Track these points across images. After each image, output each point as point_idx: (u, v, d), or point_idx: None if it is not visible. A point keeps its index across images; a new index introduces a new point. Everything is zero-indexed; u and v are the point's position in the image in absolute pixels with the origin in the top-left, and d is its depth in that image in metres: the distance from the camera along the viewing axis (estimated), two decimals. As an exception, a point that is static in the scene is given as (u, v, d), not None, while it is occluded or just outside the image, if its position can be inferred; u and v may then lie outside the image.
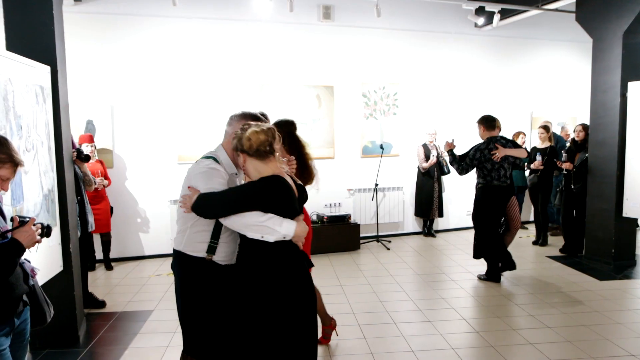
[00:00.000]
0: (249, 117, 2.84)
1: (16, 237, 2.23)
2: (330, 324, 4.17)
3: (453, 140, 5.93)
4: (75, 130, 6.43)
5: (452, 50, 8.46)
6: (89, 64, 6.71)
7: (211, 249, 2.69)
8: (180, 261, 2.76)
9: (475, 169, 5.70)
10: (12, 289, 2.25)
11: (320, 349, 4.06)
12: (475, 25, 8.35)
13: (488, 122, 5.71)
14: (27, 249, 2.29)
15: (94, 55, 6.74)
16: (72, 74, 6.26)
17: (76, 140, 6.28)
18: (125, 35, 6.86)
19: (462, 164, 5.68)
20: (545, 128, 7.39)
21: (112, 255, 6.77)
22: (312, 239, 7.02)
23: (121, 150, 6.93)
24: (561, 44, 9.17)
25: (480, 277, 5.96)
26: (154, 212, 7.03)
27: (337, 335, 4.24)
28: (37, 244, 2.36)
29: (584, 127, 6.80)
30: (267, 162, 2.54)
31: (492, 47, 8.69)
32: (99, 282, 6.08)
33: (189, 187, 2.62)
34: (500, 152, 5.49)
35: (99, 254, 6.62)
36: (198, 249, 2.70)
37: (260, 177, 2.51)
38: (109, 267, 6.54)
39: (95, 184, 5.91)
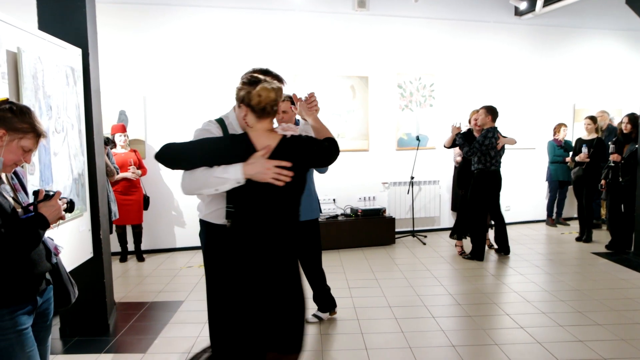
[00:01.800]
0: (258, 71, 2.73)
1: (41, 211, 2.13)
2: None
3: (460, 123, 6.35)
4: (108, 120, 6.41)
5: (491, 40, 8.16)
6: (122, 54, 6.68)
7: (229, 214, 2.47)
8: (204, 230, 2.67)
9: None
10: (34, 266, 2.15)
11: (357, 342, 3.89)
12: (516, 13, 8.04)
13: (495, 114, 6.13)
14: (51, 225, 2.18)
15: (126, 45, 6.71)
16: (105, 64, 6.23)
17: (108, 130, 6.27)
18: (158, 25, 6.81)
19: (473, 148, 6.03)
20: (592, 119, 7.05)
21: (144, 246, 6.72)
22: (347, 232, 6.91)
23: (153, 140, 6.88)
24: (608, 32, 8.76)
25: (465, 257, 6.34)
26: (185, 204, 6.96)
27: None
28: (60, 220, 2.25)
29: (631, 118, 6.43)
30: (264, 120, 2.41)
31: (533, 37, 8.35)
32: (130, 272, 6.03)
33: None
34: (501, 142, 6.05)
35: (130, 245, 6.59)
36: (219, 216, 2.57)
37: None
38: (140, 259, 6.49)
39: (117, 174, 5.88)
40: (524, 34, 8.32)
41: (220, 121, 2.73)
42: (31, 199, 2.26)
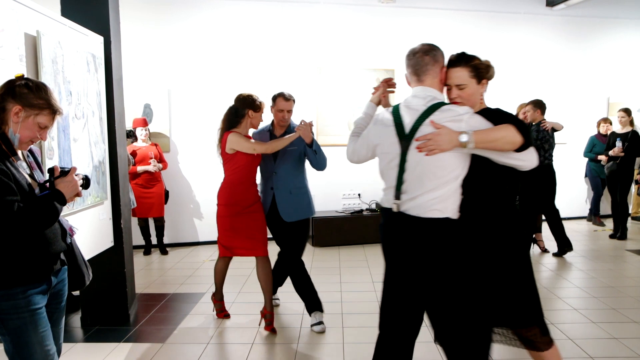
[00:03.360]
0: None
1: (58, 187, 2.09)
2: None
3: None
4: (133, 113, 6.43)
5: (522, 32, 7.94)
6: (146, 47, 6.69)
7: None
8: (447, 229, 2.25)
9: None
10: (49, 244, 2.11)
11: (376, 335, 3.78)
12: (547, 3, 7.81)
13: (544, 107, 6.00)
14: (67, 202, 2.14)
15: (151, 38, 6.71)
16: (130, 57, 6.27)
17: (130, 124, 6.28)
18: (182, 18, 6.80)
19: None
20: (627, 111, 6.79)
21: (167, 240, 6.73)
22: (371, 228, 6.77)
23: (177, 134, 6.87)
24: (643, 23, 8.45)
25: (556, 254, 6.05)
26: (209, 198, 6.89)
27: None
28: (77, 196, 2.21)
29: None
30: None
31: (565, 28, 8.10)
32: (153, 265, 6.02)
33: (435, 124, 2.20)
34: (548, 124, 5.86)
35: (153, 239, 6.59)
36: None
37: None
38: (163, 252, 6.49)
39: (131, 164, 5.88)
40: (556, 25, 8.07)
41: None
42: (47, 178, 2.22)
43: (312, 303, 4.01)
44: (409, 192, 2.26)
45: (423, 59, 2.33)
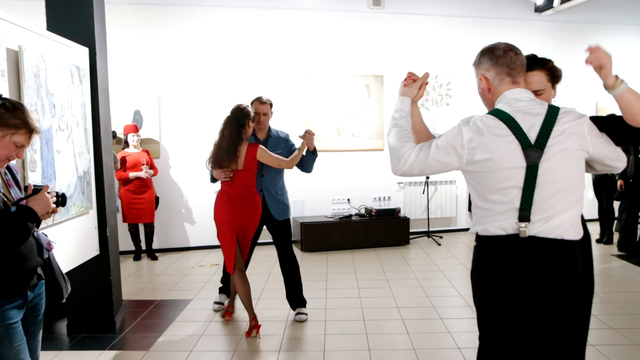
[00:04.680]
0: None
1: (30, 205, 2.14)
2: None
3: None
4: (123, 120, 6.49)
5: (510, 38, 7.86)
6: (136, 54, 6.74)
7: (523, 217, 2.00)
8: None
9: None
10: (24, 260, 2.16)
11: (360, 343, 3.84)
12: (535, 9, 7.88)
13: None
14: (43, 219, 2.19)
15: (141, 45, 6.77)
16: (119, 64, 6.34)
17: (121, 130, 6.34)
18: (171, 25, 6.86)
19: None
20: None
21: (157, 245, 6.79)
22: (360, 232, 6.84)
23: (167, 140, 6.93)
24: (631, 28, 8.51)
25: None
26: (199, 204, 6.98)
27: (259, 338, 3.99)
28: (53, 214, 2.26)
29: None
30: None
31: (554, 33, 8.18)
32: (142, 271, 6.08)
33: None
34: None
35: (144, 245, 6.64)
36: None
37: None
38: (153, 257, 6.54)
39: (117, 166, 5.93)
40: (544, 30, 8.15)
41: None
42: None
43: (299, 299, 4.37)
44: (543, 211, 1.89)
45: (518, 58, 2.09)
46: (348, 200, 7.48)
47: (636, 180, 6.31)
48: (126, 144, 6.33)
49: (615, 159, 2.07)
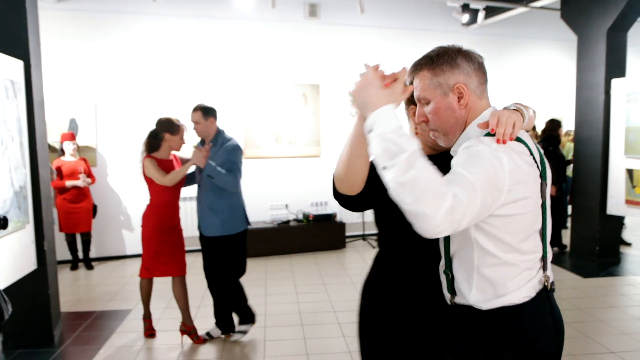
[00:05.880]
0: None
1: None
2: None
3: None
4: (58, 128, 6.40)
5: (439, 49, 8.40)
6: (71, 62, 6.64)
7: None
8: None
9: None
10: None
11: (299, 348, 4.02)
12: (463, 23, 8.32)
13: None
14: None
15: (76, 53, 6.67)
16: (54, 72, 6.26)
17: (58, 139, 6.25)
18: (108, 33, 6.80)
19: None
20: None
21: (94, 254, 6.72)
22: (298, 237, 7.03)
23: (104, 148, 6.87)
24: (547, 42, 9.15)
25: None
26: (137, 212, 6.94)
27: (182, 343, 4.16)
28: None
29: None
30: None
31: (479, 46, 8.59)
32: (80, 281, 6.01)
33: None
34: None
35: (81, 254, 6.56)
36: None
37: None
38: (89, 267, 6.47)
39: (53, 178, 5.88)
40: (471, 43, 8.48)
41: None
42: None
43: (226, 324, 4.26)
44: (549, 257, 1.58)
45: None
46: (286, 206, 7.65)
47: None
48: (62, 152, 6.23)
49: None
